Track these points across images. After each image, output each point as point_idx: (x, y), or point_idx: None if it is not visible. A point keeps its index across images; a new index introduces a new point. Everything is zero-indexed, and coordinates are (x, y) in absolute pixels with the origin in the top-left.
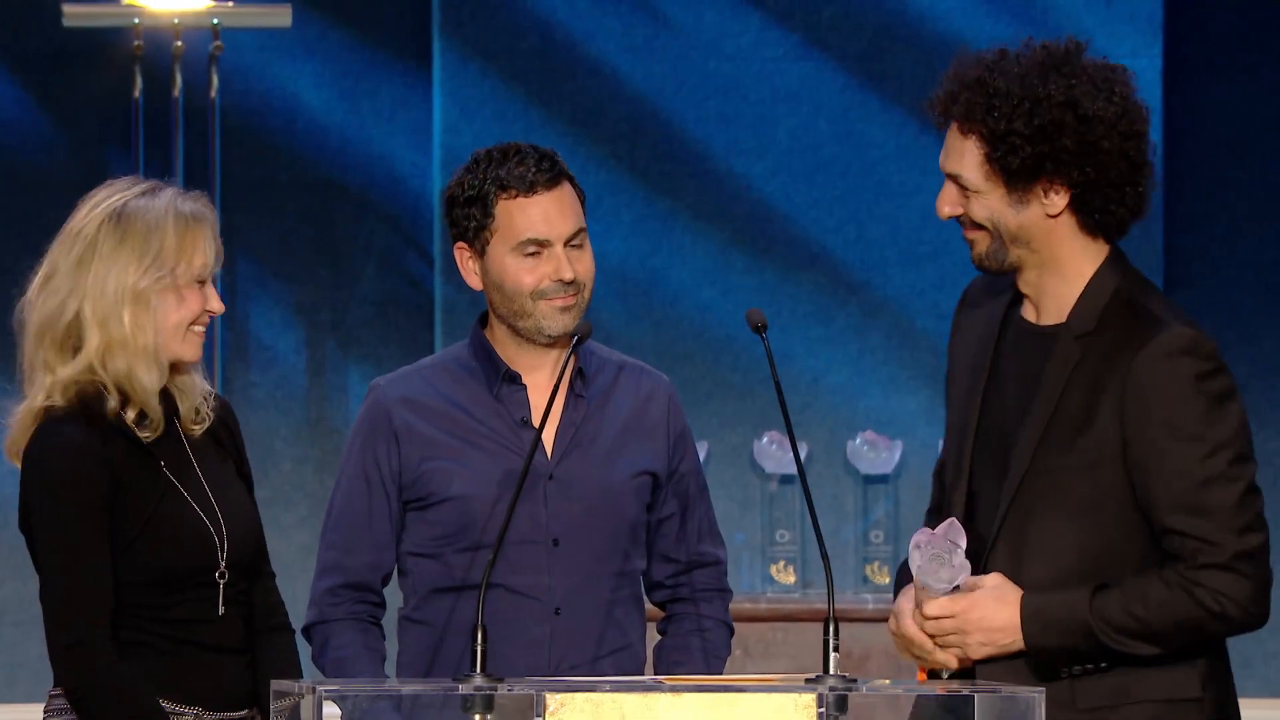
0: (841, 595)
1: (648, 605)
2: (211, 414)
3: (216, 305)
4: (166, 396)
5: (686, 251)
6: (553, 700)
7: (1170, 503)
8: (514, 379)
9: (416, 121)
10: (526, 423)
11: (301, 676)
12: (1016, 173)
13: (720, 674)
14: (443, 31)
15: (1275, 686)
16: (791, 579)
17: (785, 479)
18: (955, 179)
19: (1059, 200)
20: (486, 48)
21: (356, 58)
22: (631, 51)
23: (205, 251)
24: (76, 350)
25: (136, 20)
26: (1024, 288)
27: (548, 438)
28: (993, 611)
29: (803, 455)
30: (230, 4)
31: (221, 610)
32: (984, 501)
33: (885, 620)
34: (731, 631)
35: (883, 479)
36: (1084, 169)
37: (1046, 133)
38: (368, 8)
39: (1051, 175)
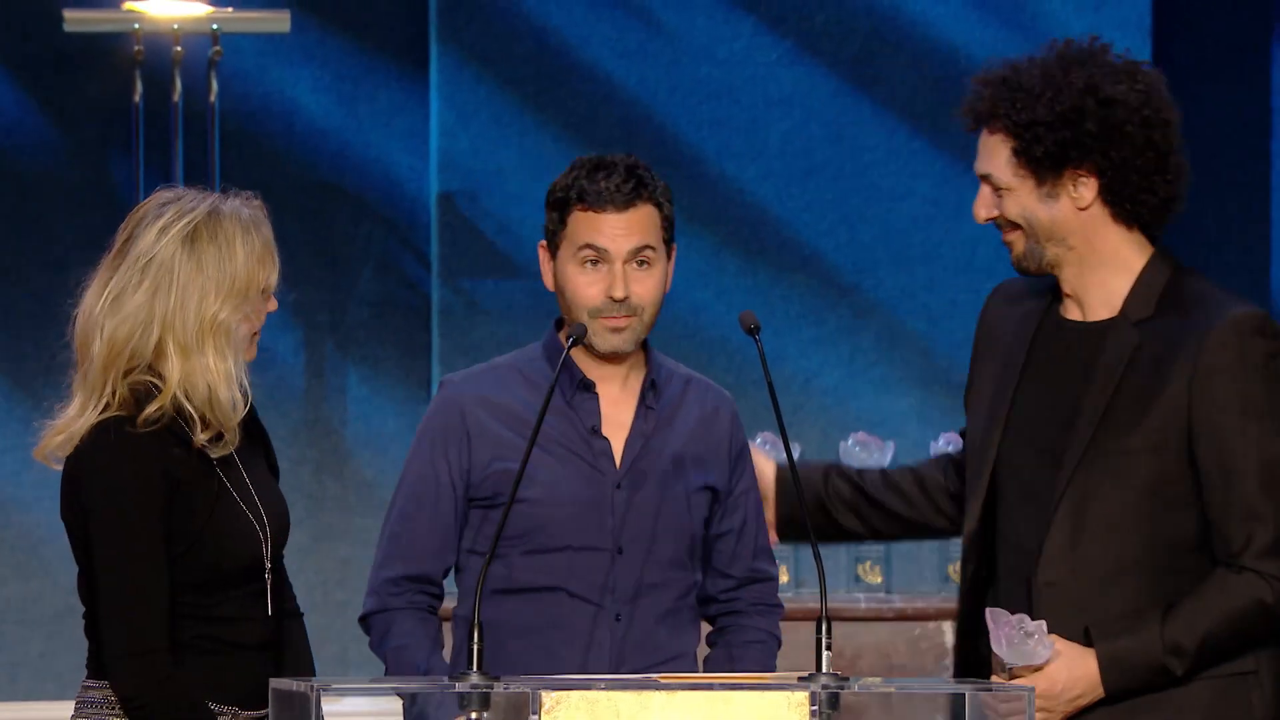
0: (834, 594)
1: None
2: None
3: (273, 305)
4: None
5: (680, 254)
6: (548, 698)
7: (1245, 478)
8: (588, 387)
9: (413, 126)
10: (596, 431)
11: (313, 661)
12: (1042, 163)
13: None
14: (440, 37)
15: None
16: (785, 578)
17: None
18: (987, 179)
19: (1087, 192)
20: (483, 53)
21: (354, 63)
22: (625, 56)
23: (272, 266)
24: (152, 373)
25: (137, 26)
26: (1065, 286)
27: (617, 447)
28: (1072, 680)
29: (796, 456)
30: (229, 10)
31: (270, 609)
32: (1028, 489)
33: (877, 619)
34: (780, 645)
35: None
36: (1107, 154)
37: (1068, 119)
38: (366, 13)
39: (1077, 163)
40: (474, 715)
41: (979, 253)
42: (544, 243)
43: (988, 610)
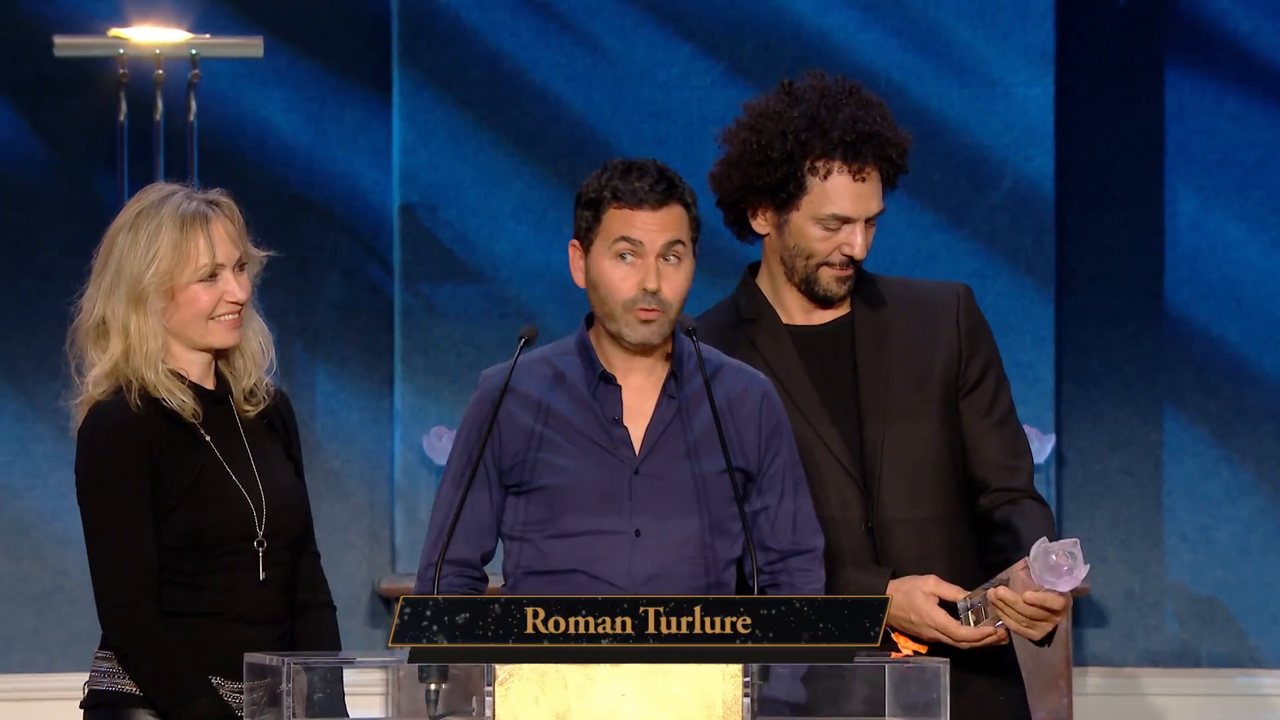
0: None
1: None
2: (267, 398)
3: (235, 292)
4: (220, 379)
5: None
6: (502, 670)
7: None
8: (610, 380)
9: (377, 143)
10: (617, 420)
11: (340, 651)
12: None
13: None
14: (402, 61)
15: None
16: None
17: None
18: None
19: None
20: (441, 76)
21: (323, 85)
22: (572, 80)
23: (206, 249)
24: (107, 349)
25: (121, 50)
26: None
27: (636, 435)
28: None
29: None
30: (207, 36)
31: (263, 576)
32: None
33: None
34: None
35: None
36: None
37: None
38: (334, 39)
39: None
40: (433, 686)
41: (898, 261)
42: (575, 241)
43: (1037, 546)
